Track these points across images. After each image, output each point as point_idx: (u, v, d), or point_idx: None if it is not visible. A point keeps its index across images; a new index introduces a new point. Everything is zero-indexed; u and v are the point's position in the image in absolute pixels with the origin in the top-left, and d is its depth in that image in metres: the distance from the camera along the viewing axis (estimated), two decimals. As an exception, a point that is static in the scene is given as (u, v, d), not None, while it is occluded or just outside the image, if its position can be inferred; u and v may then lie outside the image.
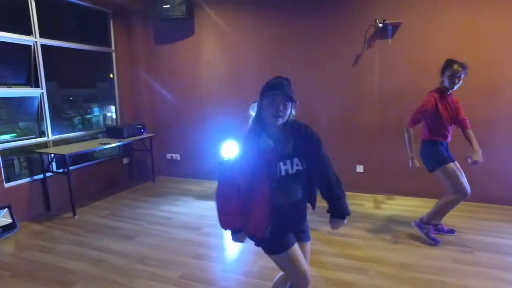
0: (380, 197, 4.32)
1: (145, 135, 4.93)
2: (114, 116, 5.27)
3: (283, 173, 1.57)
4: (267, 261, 2.71)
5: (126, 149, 5.24)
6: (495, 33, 3.69)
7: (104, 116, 5.37)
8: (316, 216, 3.34)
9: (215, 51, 4.85)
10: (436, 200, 3.16)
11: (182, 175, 5.33)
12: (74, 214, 3.85)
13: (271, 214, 1.55)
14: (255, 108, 1.66)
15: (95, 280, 2.56)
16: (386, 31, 4.02)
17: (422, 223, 3.11)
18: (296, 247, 1.63)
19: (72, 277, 2.62)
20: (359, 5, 4.12)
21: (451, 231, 3.22)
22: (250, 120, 1.72)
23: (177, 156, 5.38)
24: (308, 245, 1.78)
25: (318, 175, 1.65)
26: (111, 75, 5.10)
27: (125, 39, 5.10)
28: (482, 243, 3.04)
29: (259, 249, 1.64)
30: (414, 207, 3.96)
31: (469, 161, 2.91)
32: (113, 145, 4.31)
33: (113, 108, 5.25)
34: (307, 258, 1.76)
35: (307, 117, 1.98)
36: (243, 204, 1.59)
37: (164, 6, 4.51)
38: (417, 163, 3.05)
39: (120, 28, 5.01)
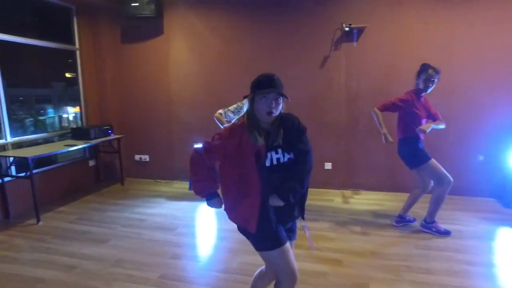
0: (348, 192, 4.54)
1: (113, 137, 4.77)
2: (71, 118, 5.05)
3: (274, 162, 1.61)
4: (244, 257, 2.79)
5: (92, 151, 5.04)
6: (449, 38, 4.04)
7: (60, 117, 5.10)
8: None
9: (185, 51, 4.82)
10: (399, 193, 3.39)
11: (152, 177, 5.23)
12: (38, 220, 3.65)
13: (262, 208, 1.58)
14: (228, 113, 1.73)
15: (69, 287, 2.47)
16: (352, 35, 4.24)
17: (428, 223, 3.26)
18: (288, 244, 1.66)
19: (41, 286, 2.50)
20: (327, 10, 4.30)
21: (412, 220, 3.48)
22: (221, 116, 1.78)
23: (146, 157, 5.26)
24: (293, 244, 1.84)
25: (297, 161, 1.67)
26: (69, 74, 4.88)
27: (90, 37, 4.90)
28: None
29: (236, 246, 1.68)
30: (380, 200, 4.21)
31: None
32: (80, 147, 4.15)
33: (70, 109, 5.03)
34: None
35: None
36: (214, 171, 1.72)
37: (133, 4, 4.41)
38: (390, 139, 3.14)
39: (85, 25, 4.82)
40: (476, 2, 3.90)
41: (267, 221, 1.61)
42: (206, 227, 3.58)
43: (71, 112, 5.07)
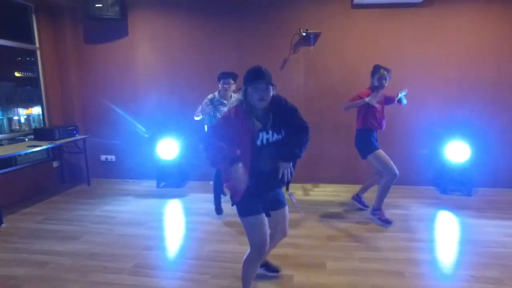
0: (308, 185, 4.91)
1: (78, 137, 4.77)
2: (22, 120, 4.97)
3: (264, 141, 1.88)
4: (214, 246, 3.04)
5: (55, 152, 4.99)
6: (396, 42, 4.54)
7: (10, 120, 4.99)
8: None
9: (150, 52, 4.94)
10: (354, 185, 3.80)
11: (119, 177, 5.28)
12: (1, 222, 3.62)
13: (249, 179, 1.81)
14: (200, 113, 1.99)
15: (44, 281, 2.55)
16: (309, 39, 4.61)
17: (374, 210, 3.65)
18: (263, 216, 1.93)
19: (14, 282, 2.56)
20: (285, 16, 4.64)
21: (365, 206, 3.93)
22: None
23: (112, 157, 5.30)
24: (285, 210, 2.15)
25: (294, 133, 1.96)
26: (18, 73, 4.81)
27: (51, 36, 4.86)
28: (387, 214, 3.76)
29: (206, 236, 1.94)
30: (337, 191, 4.63)
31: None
32: (45, 147, 4.14)
33: (21, 110, 4.95)
34: (286, 221, 2.19)
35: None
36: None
37: (96, 6, 4.44)
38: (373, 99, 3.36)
39: (45, 24, 4.76)
40: (418, 12, 4.43)
41: (251, 192, 1.85)
42: (176, 221, 3.76)
43: (22, 114, 4.95)
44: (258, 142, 1.87)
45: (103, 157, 5.30)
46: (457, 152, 4.42)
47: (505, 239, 3.17)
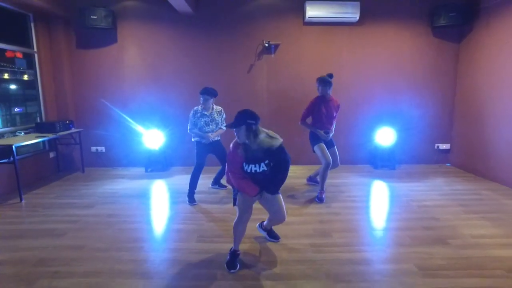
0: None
1: (74, 130, 5.50)
2: (22, 116, 5.59)
3: (252, 171, 2.61)
4: (204, 206, 4.01)
5: (52, 144, 5.66)
6: (337, 53, 5.82)
7: (10, 115, 5.55)
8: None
9: (137, 58, 5.79)
10: (306, 165, 4.97)
11: (109, 165, 6.05)
12: (21, 199, 4.32)
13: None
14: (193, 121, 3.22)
15: (81, 230, 3.39)
16: (270, 49, 5.75)
17: (311, 178, 4.91)
18: (250, 204, 2.70)
19: (58, 232, 3.35)
20: (252, 29, 5.74)
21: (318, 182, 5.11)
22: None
23: (102, 149, 6.05)
24: (276, 197, 2.78)
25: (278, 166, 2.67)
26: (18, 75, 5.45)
27: (47, 42, 5.53)
28: (332, 183, 4.99)
29: (196, 198, 2.98)
30: (293, 170, 5.80)
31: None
32: (52, 137, 4.86)
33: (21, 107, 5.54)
34: (281, 205, 2.83)
35: (232, 104, 3.40)
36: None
37: (92, 17, 5.23)
38: (322, 133, 4.22)
39: (42, 31, 5.43)
40: (354, 29, 5.75)
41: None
42: (169, 192, 4.68)
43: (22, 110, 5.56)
44: (248, 170, 2.60)
45: (93, 149, 6.03)
46: (385, 137, 5.79)
47: (409, 192, 4.54)
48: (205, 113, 4.21)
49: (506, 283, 2.44)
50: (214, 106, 4.30)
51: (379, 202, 4.28)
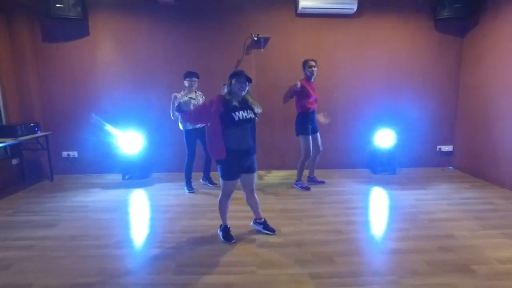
0: (262, 172, 5.53)
1: (40, 134, 4.87)
2: None
3: (241, 117, 2.75)
4: (186, 222, 3.51)
5: (15, 149, 5.02)
6: (332, 47, 5.33)
7: None
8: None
9: (113, 52, 5.18)
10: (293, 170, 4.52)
11: (82, 172, 5.43)
12: (-30, 217, 3.71)
13: (227, 151, 2.79)
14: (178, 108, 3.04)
15: (33, 260, 2.81)
16: (260, 43, 5.22)
17: (296, 182, 4.65)
18: (233, 181, 2.95)
19: (5, 263, 2.78)
20: (239, 21, 5.19)
21: (322, 182, 4.78)
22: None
23: (74, 154, 5.43)
24: (254, 175, 3.05)
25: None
26: None
27: (6, 34, 4.87)
28: (328, 191, 4.52)
29: (177, 216, 3.27)
30: (285, 176, 5.31)
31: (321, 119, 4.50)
32: (10, 143, 4.23)
33: None
34: (254, 183, 3.09)
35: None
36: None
37: (57, 5, 4.59)
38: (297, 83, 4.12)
39: (0, 21, 4.77)
40: (350, 21, 5.26)
41: (231, 161, 2.84)
42: (147, 205, 4.13)
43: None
44: (236, 118, 2.73)
45: (65, 154, 5.41)
46: (384, 139, 5.34)
47: (415, 202, 4.08)
48: (191, 96, 4.33)
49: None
50: (196, 91, 4.46)
51: (383, 215, 3.81)
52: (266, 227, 3.28)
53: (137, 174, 5.26)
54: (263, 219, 3.30)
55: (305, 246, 3.00)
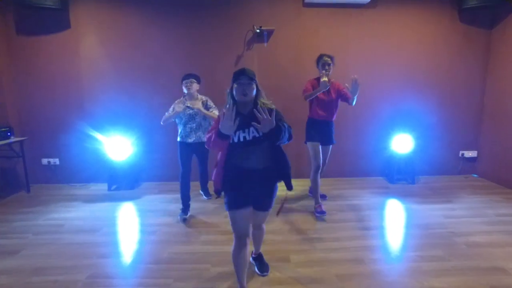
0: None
1: (13, 139, 4.29)
2: None
3: (241, 139, 1.99)
4: (175, 248, 2.92)
5: (-15, 157, 4.45)
6: (344, 40, 4.73)
7: None
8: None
9: (97, 47, 4.60)
10: (304, 179, 3.91)
11: (64, 181, 4.86)
12: None
13: (225, 174, 2.03)
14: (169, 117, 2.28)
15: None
16: (263, 36, 4.62)
17: (316, 209, 3.70)
18: (243, 211, 2.05)
19: None
20: (238, 13, 4.60)
21: (323, 196, 4.10)
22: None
23: (56, 161, 4.86)
24: (262, 213, 2.23)
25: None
26: None
27: (-25, 27, 4.30)
28: (341, 205, 3.93)
29: (166, 238, 2.24)
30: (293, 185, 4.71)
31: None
32: (-27, 152, 3.65)
33: None
34: (258, 220, 2.29)
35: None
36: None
37: (31, -7, 4.03)
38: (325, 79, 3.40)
39: (-32, 13, 4.20)
40: (364, 12, 4.66)
41: (234, 187, 2.06)
42: (132, 224, 3.54)
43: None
44: (235, 140, 2.01)
45: (45, 161, 4.84)
46: (402, 144, 4.75)
47: (445, 220, 3.49)
48: (188, 105, 3.48)
49: None
50: (199, 96, 3.62)
51: (410, 237, 3.19)
52: (262, 268, 2.58)
53: (124, 184, 4.68)
54: (258, 254, 2.65)
55: (322, 284, 2.41)
